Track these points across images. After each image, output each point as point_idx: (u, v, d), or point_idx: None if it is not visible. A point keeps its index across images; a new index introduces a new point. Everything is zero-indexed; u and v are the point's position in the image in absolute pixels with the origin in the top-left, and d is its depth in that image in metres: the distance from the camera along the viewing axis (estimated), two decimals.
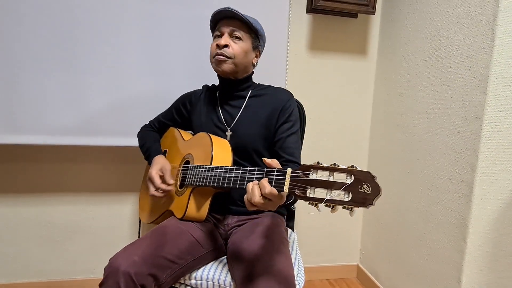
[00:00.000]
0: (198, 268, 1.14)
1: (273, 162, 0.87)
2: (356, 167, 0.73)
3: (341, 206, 0.73)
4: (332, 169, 0.75)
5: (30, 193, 1.69)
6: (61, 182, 1.71)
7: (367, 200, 0.70)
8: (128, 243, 1.08)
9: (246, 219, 1.23)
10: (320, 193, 0.76)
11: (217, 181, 1.05)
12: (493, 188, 1.28)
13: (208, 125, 1.28)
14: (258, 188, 0.84)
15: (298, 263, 1.25)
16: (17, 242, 1.71)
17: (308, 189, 0.78)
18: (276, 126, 1.23)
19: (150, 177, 1.18)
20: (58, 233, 1.74)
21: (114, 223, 1.78)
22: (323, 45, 1.85)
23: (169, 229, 1.12)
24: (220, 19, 1.22)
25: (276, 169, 0.85)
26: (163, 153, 1.32)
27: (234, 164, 1.23)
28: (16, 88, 1.49)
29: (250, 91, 1.29)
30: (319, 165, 0.77)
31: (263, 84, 1.34)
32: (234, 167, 1.01)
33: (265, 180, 0.84)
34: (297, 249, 1.35)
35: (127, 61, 1.55)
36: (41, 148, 1.67)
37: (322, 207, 0.75)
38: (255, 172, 0.92)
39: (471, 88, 1.29)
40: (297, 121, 1.26)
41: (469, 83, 1.30)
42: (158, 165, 1.21)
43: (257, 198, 0.83)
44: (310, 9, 1.77)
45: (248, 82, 1.29)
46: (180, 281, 1.13)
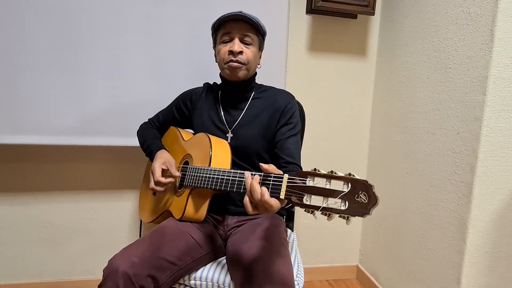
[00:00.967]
0: (197, 269, 1.14)
1: (270, 167, 0.86)
2: (353, 175, 0.72)
3: (338, 215, 0.72)
4: (329, 176, 0.75)
5: (30, 193, 1.69)
6: (61, 182, 1.71)
7: (363, 210, 0.70)
8: (127, 244, 1.08)
9: (246, 220, 1.23)
10: (316, 200, 0.76)
11: (215, 183, 1.04)
12: (492, 189, 1.28)
13: (209, 126, 1.27)
14: (258, 187, 0.83)
15: (298, 264, 1.24)
16: (17, 242, 1.71)
17: (305, 196, 0.77)
18: (277, 127, 1.23)
19: (152, 169, 1.16)
20: (57, 234, 1.74)
21: (113, 223, 1.78)
22: (323, 46, 1.85)
23: (168, 230, 1.12)
24: (227, 21, 1.18)
25: (273, 174, 0.84)
26: (165, 149, 1.31)
27: (234, 165, 1.22)
28: (17, 88, 1.49)
29: (253, 93, 1.28)
30: (316, 172, 0.77)
31: (265, 85, 1.34)
32: (232, 170, 1.01)
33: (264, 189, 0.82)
34: (297, 249, 1.35)
35: (127, 61, 1.55)
36: (41, 148, 1.67)
37: (318, 214, 0.75)
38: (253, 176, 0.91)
39: (470, 89, 1.29)
40: (298, 123, 1.25)
41: (468, 83, 1.30)
42: (161, 159, 1.19)
43: (258, 195, 0.81)
44: (310, 10, 1.78)
45: (251, 83, 1.28)
46: (180, 282, 1.13)
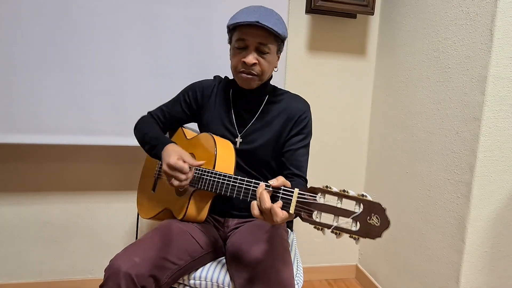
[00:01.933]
0: (196, 269, 1.14)
1: (279, 181, 0.85)
2: (366, 196, 0.71)
3: (348, 235, 0.72)
4: (341, 195, 0.74)
5: (28, 193, 1.69)
6: (59, 181, 1.71)
7: (375, 233, 0.70)
8: (127, 243, 1.08)
9: (246, 221, 1.23)
10: (326, 218, 0.75)
11: (219, 188, 1.03)
12: (491, 188, 1.29)
13: (218, 126, 1.23)
14: (268, 196, 0.82)
15: (297, 263, 1.25)
16: (15, 242, 1.70)
17: (315, 212, 0.77)
18: (288, 136, 1.20)
19: (173, 165, 0.99)
20: (56, 233, 1.73)
21: (113, 223, 1.78)
22: (322, 46, 1.85)
23: (169, 230, 1.12)
24: (243, 25, 1.08)
25: (283, 188, 0.83)
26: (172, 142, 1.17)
27: (240, 171, 1.20)
28: (14, 87, 1.48)
29: (267, 96, 1.23)
30: (328, 189, 0.76)
31: (280, 88, 1.28)
32: (238, 178, 0.99)
33: (278, 204, 0.82)
34: (296, 249, 1.35)
35: (126, 60, 1.55)
36: (39, 148, 1.66)
37: (327, 232, 0.74)
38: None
39: (469, 89, 1.29)
40: (309, 134, 1.22)
41: (467, 83, 1.30)
42: (175, 153, 1.02)
43: (267, 204, 0.81)
44: (309, 10, 1.78)
45: (266, 87, 1.22)
46: (179, 281, 1.13)
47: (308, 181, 1.19)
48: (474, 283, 1.33)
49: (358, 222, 0.72)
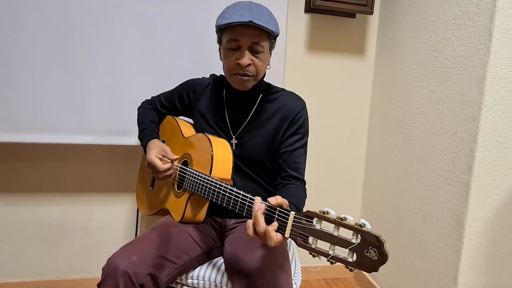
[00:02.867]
0: (194, 268, 1.14)
1: (278, 200, 0.83)
2: (364, 225, 0.69)
3: (344, 265, 0.70)
4: (338, 223, 0.72)
5: (27, 192, 1.69)
6: (58, 181, 1.70)
7: (371, 266, 0.67)
8: (125, 243, 1.08)
9: (244, 221, 1.22)
10: (322, 244, 0.74)
11: (216, 196, 1.02)
12: (489, 188, 1.29)
13: (212, 125, 1.21)
14: (263, 219, 0.81)
15: (295, 263, 1.25)
16: (13, 241, 1.70)
17: (310, 238, 0.75)
18: (284, 137, 1.16)
19: (150, 161, 1.10)
20: (54, 233, 1.73)
21: (111, 222, 1.78)
22: (321, 45, 1.85)
23: (167, 228, 1.12)
24: (235, 25, 1.03)
25: (278, 209, 0.82)
26: (158, 137, 1.25)
27: (237, 171, 1.18)
28: (14, 86, 1.48)
29: (261, 95, 1.19)
30: (325, 216, 0.74)
31: (274, 86, 1.25)
32: (234, 190, 0.97)
33: (273, 227, 0.80)
34: (294, 248, 1.35)
35: (125, 59, 1.55)
36: (37, 147, 1.66)
37: (323, 258, 0.73)
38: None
39: (468, 89, 1.29)
40: (306, 134, 1.18)
41: (466, 83, 1.30)
42: (155, 149, 1.13)
43: (262, 228, 0.80)
44: (308, 9, 1.78)
45: (260, 86, 1.18)
46: (177, 281, 1.13)
47: (307, 182, 1.17)
48: (472, 282, 1.33)
49: (354, 254, 0.69)
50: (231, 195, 0.98)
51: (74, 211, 1.74)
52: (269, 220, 0.82)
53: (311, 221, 0.75)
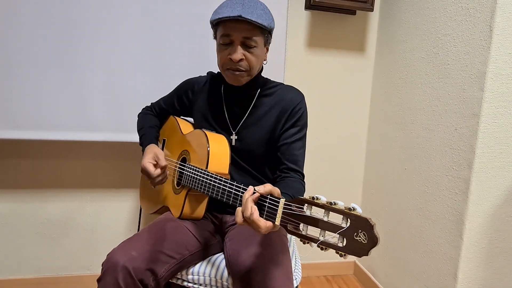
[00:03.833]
0: (194, 264, 1.14)
1: (266, 188, 0.82)
2: (354, 208, 0.68)
3: (334, 250, 0.69)
4: (328, 208, 0.71)
5: (27, 189, 1.69)
6: (58, 178, 1.70)
7: (361, 250, 0.66)
8: (124, 239, 1.08)
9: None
10: (313, 230, 0.73)
11: (211, 189, 1.02)
12: (489, 185, 1.29)
13: (211, 122, 1.21)
14: (255, 208, 0.81)
15: (295, 259, 1.25)
16: (13, 238, 1.70)
17: (301, 225, 0.74)
18: (282, 129, 1.15)
19: (143, 167, 1.10)
20: (54, 230, 1.73)
21: (111, 219, 1.78)
22: (321, 42, 1.85)
23: (167, 224, 1.12)
24: (226, 20, 1.04)
25: (269, 197, 0.81)
26: (156, 141, 1.26)
27: (237, 167, 1.18)
28: (13, 84, 1.48)
29: (259, 90, 1.19)
30: (314, 201, 0.73)
31: (272, 80, 1.25)
32: (228, 181, 0.98)
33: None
34: (295, 245, 1.35)
35: (125, 57, 1.55)
36: (37, 144, 1.66)
37: (314, 245, 0.72)
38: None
39: (468, 85, 1.29)
40: (304, 126, 1.17)
41: (466, 80, 1.30)
42: (149, 155, 1.12)
43: (248, 213, 0.80)
44: (309, 6, 1.77)
45: (257, 81, 1.18)
46: (177, 276, 1.13)
47: (307, 178, 1.17)
48: (471, 278, 1.33)
49: (344, 238, 0.68)
50: (225, 187, 0.98)
51: (73, 208, 1.74)
52: (260, 207, 0.82)
53: (302, 208, 0.75)
